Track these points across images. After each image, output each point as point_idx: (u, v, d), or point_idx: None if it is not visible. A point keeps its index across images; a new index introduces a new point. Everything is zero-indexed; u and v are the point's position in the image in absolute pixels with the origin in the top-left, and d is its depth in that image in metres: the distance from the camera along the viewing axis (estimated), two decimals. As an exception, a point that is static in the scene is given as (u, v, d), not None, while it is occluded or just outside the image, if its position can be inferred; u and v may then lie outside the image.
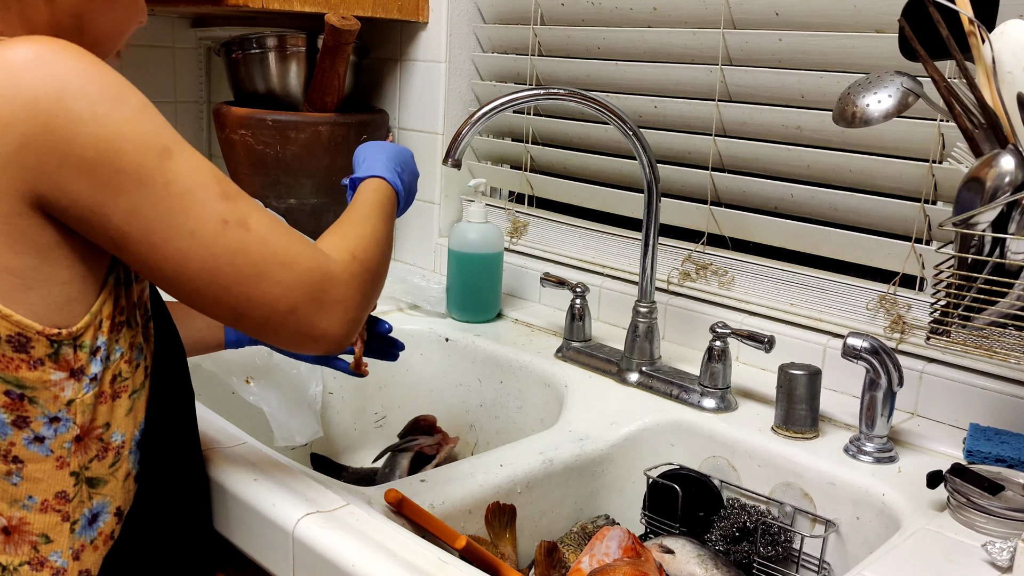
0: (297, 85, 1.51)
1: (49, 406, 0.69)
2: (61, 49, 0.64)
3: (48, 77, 0.63)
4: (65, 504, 0.72)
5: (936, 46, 0.86)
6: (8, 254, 0.65)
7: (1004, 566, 0.74)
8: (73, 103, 0.63)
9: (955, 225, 0.83)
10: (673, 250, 1.29)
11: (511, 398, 1.24)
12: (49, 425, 0.70)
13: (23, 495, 0.71)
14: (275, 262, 0.70)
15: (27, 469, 0.70)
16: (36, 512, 0.71)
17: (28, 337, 0.67)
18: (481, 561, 0.83)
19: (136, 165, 0.65)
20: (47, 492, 0.71)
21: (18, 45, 0.64)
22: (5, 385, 0.67)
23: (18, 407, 0.68)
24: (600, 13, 1.36)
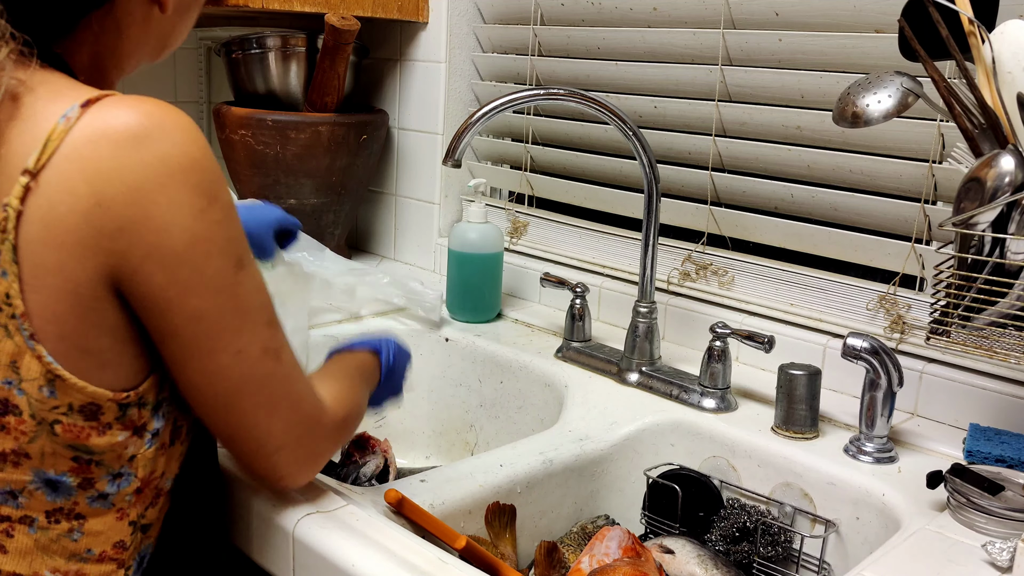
0: (297, 85, 1.51)
1: (113, 465, 0.68)
2: (167, 122, 0.62)
3: (154, 160, 0.61)
4: (122, 552, 0.72)
5: (936, 46, 0.86)
6: (88, 336, 0.63)
7: (1004, 566, 0.74)
8: (175, 193, 0.61)
9: (955, 225, 0.83)
10: (673, 250, 1.29)
11: (511, 398, 1.24)
12: (112, 482, 0.69)
13: (83, 549, 0.70)
14: (288, 400, 0.71)
15: (88, 524, 0.69)
16: (93, 563, 0.70)
17: (99, 405, 0.65)
18: (481, 561, 0.83)
19: (216, 271, 0.64)
20: (106, 544, 0.71)
21: (122, 110, 0.61)
22: (74, 452, 0.66)
23: (85, 470, 0.67)
24: (600, 13, 1.36)
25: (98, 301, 0.63)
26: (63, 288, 0.61)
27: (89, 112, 0.61)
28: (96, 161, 0.60)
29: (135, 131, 0.60)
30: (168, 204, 0.61)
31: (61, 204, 0.60)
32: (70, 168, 0.60)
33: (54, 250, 0.61)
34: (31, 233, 0.60)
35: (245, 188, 1.56)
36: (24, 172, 0.60)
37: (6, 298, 0.61)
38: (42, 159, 0.60)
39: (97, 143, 0.60)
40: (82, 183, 0.60)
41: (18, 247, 0.60)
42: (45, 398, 0.63)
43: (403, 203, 1.64)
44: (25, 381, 0.63)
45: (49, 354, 0.62)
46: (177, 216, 0.62)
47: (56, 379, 0.63)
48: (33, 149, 0.60)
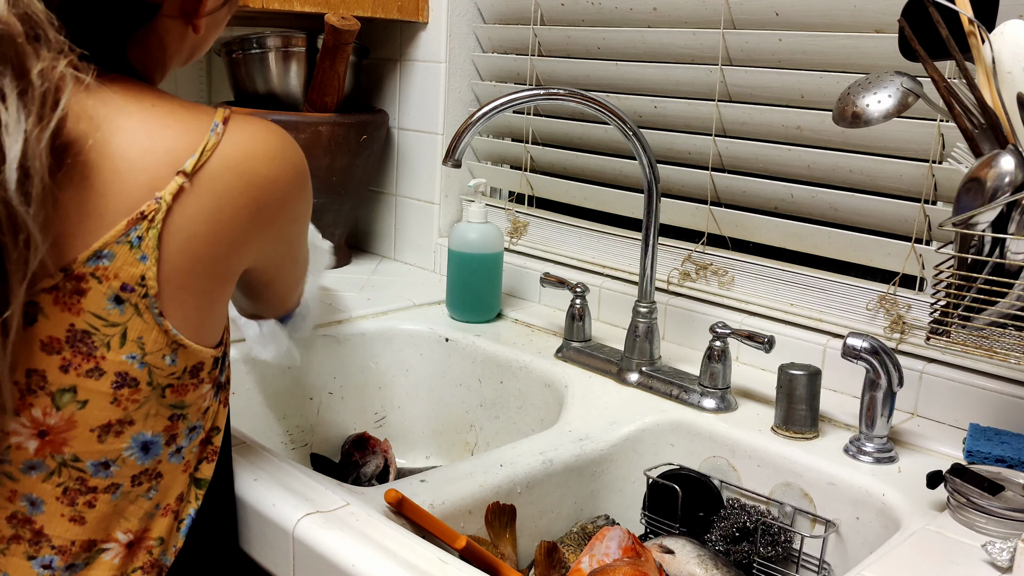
0: (297, 85, 1.51)
1: (192, 417, 0.74)
2: (284, 137, 0.75)
3: (291, 169, 0.74)
4: (180, 504, 0.76)
5: (936, 46, 0.86)
6: (214, 306, 0.73)
7: (1004, 566, 0.74)
8: (301, 193, 0.76)
9: (955, 225, 0.83)
10: (673, 250, 1.29)
11: (511, 398, 1.24)
12: (188, 435, 0.75)
13: (153, 505, 0.74)
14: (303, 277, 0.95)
15: (163, 481, 0.74)
16: (159, 518, 0.75)
17: (203, 362, 0.73)
18: (481, 561, 0.83)
19: (303, 232, 0.84)
20: (171, 497, 0.75)
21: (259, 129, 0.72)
22: (172, 410, 0.72)
23: (173, 427, 0.73)
24: (600, 13, 1.36)
25: (235, 278, 0.75)
26: (217, 273, 0.71)
27: (232, 129, 0.71)
28: (253, 175, 0.71)
29: (275, 148, 0.73)
30: (299, 201, 0.77)
31: (227, 207, 0.70)
32: (233, 179, 0.70)
33: (219, 245, 0.70)
34: (187, 227, 0.68)
35: (245, 188, 1.56)
36: (180, 172, 0.67)
37: (141, 280, 0.67)
38: (199, 163, 0.68)
39: (253, 159, 0.71)
40: (246, 191, 0.70)
41: (163, 236, 0.67)
42: (167, 366, 0.70)
43: (403, 203, 1.64)
44: (149, 354, 0.69)
45: (175, 327, 0.70)
46: (301, 208, 0.78)
47: (179, 348, 0.70)
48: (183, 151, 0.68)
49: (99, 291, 0.66)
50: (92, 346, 0.67)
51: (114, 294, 0.67)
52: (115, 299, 0.67)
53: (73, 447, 0.69)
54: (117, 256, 0.66)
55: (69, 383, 0.68)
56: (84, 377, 0.68)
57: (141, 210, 0.66)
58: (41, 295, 0.66)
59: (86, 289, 0.66)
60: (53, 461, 0.69)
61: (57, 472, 0.69)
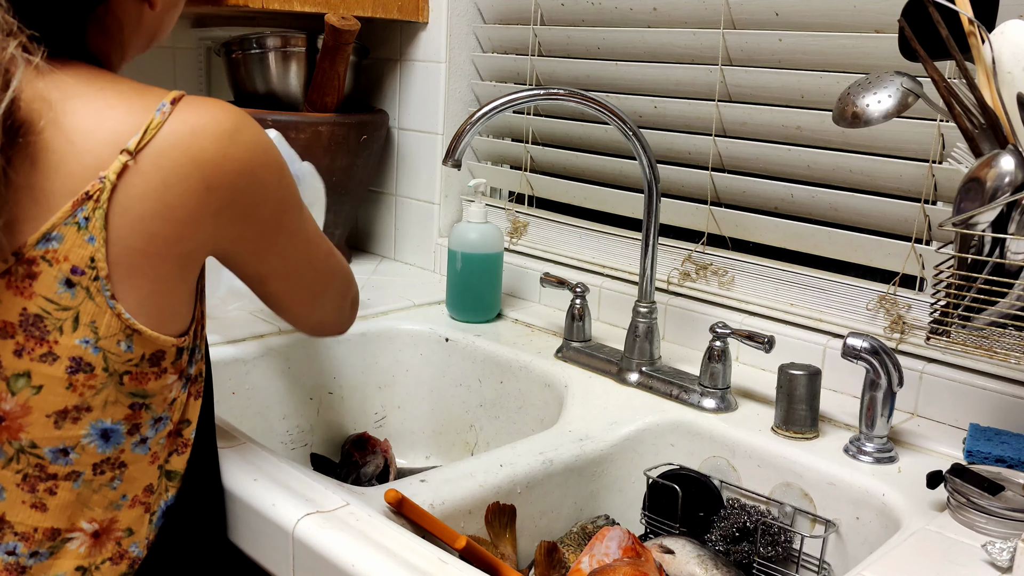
0: (297, 85, 1.51)
1: (158, 408, 0.75)
2: (242, 117, 0.73)
3: (246, 149, 0.72)
4: (149, 496, 0.77)
5: (936, 46, 0.86)
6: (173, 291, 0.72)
7: (1004, 566, 0.74)
8: (262, 173, 0.74)
9: (955, 225, 0.83)
10: (673, 250, 1.29)
11: (511, 398, 1.24)
12: (153, 426, 0.75)
13: (119, 496, 0.75)
14: (344, 278, 0.92)
15: (128, 471, 0.74)
16: (126, 509, 0.75)
17: (164, 351, 0.73)
18: (481, 561, 0.83)
19: (292, 220, 0.80)
20: (138, 488, 0.76)
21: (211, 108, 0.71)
22: (132, 399, 0.72)
23: (136, 416, 0.73)
24: (600, 13, 1.36)
25: (193, 263, 0.73)
26: (171, 253, 0.70)
27: (181, 108, 0.70)
28: (201, 152, 0.69)
29: (228, 126, 0.71)
30: (259, 182, 0.74)
31: (175, 186, 0.69)
32: (180, 156, 0.69)
33: (170, 222, 0.69)
34: (135, 206, 0.68)
35: (245, 188, 1.56)
36: (123, 151, 0.67)
37: (91, 262, 0.67)
38: (142, 142, 0.68)
39: (200, 136, 0.69)
40: (193, 169, 0.69)
41: (109, 216, 0.67)
42: (122, 352, 0.70)
43: (403, 203, 1.64)
44: (103, 339, 0.69)
45: (128, 312, 0.69)
46: (266, 190, 0.75)
47: (134, 333, 0.70)
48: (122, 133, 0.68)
49: (50, 274, 0.67)
50: (44, 330, 0.68)
51: (65, 277, 0.67)
52: (66, 282, 0.67)
53: (30, 433, 0.70)
54: (66, 238, 0.67)
55: (23, 368, 0.68)
56: (38, 362, 0.68)
57: (86, 190, 0.67)
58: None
59: (37, 272, 0.67)
60: (11, 447, 0.70)
61: (15, 458, 0.70)
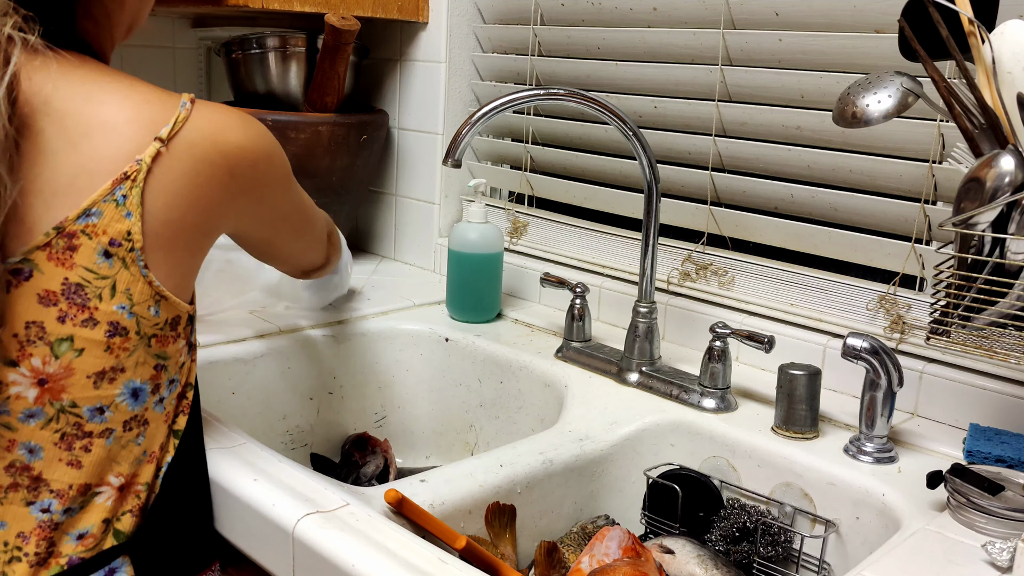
0: (297, 85, 1.51)
1: (172, 370, 0.81)
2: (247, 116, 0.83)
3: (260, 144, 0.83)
4: (162, 452, 0.82)
5: (936, 46, 0.86)
6: (194, 263, 0.81)
7: (1004, 566, 0.74)
8: (270, 162, 0.85)
9: (955, 225, 0.83)
10: (673, 250, 1.29)
11: (511, 398, 1.24)
12: (168, 386, 0.81)
13: (142, 451, 0.80)
14: (321, 220, 1.07)
15: (149, 428, 0.80)
16: (145, 464, 0.81)
17: (181, 316, 0.80)
18: (481, 561, 0.83)
19: (293, 193, 0.92)
20: (155, 445, 0.81)
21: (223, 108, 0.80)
22: (156, 360, 0.79)
23: (157, 377, 0.80)
24: (600, 13, 1.36)
25: (213, 239, 0.82)
26: (199, 230, 0.79)
27: (199, 107, 0.78)
28: (226, 143, 0.79)
29: (240, 121, 0.81)
30: (267, 166, 0.84)
31: (205, 171, 0.77)
32: (207, 146, 0.77)
33: (198, 202, 0.78)
34: (170, 187, 0.76)
35: (245, 188, 1.56)
36: (157, 139, 0.75)
37: (127, 235, 0.74)
38: (173, 131, 0.76)
39: (224, 132, 0.79)
40: (219, 157, 0.78)
41: (145, 194, 0.74)
42: (152, 316, 0.77)
43: (403, 203, 1.64)
44: (136, 304, 0.76)
45: (158, 280, 0.76)
46: (272, 172, 0.86)
47: (162, 299, 0.77)
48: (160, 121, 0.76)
49: (89, 247, 0.73)
50: (86, 297, 0.74)
51: (103, 249, 0.73)
52: (104, 253, 0.74)
53: (71, 393, 0.75)
54: (105, 214, 0.73)
55: (67, 333, 0.74)
56: (80, 327, 0.74)
57: (125, 171, 0.73)
58: (35, 252, 0.72)
59: (77, 245, 0.73)
60: (52, 408, 0.74)
61: (55, 419, 0.75)
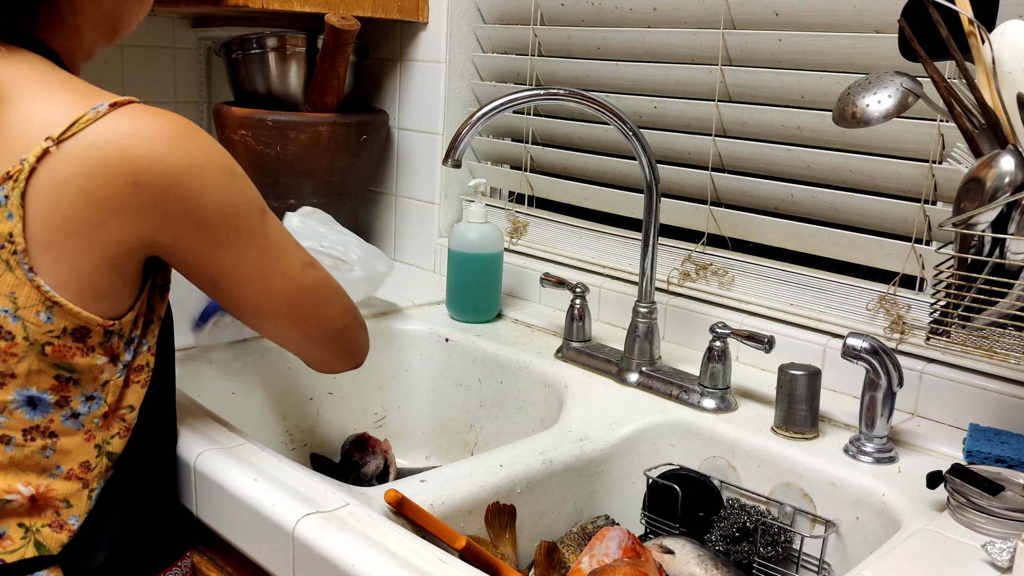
0: (297, 85, 1.52)
1: (88, 386, 0.79)
2: (191, 129, 0.77)
3: (182, 156, 0.75)
4: (87, 473, 0.80)
5: (936, 46, 0.86)
6: (100, 274, 0.75)
7: (1004, 566, 0.74)
8: (202, 177, 0.76)
9: (955, 225, 0.83)
10: (673, 250, 1.29)
11: (511, 398, 1.24)
12: (85, 403, 0.79)
13: (52, 465, 0.79)
14: (334, 293, 0.89)
15: (60, 442, 0.79)
16: (61, 480, 0.79)
17: (89, 329, 0.76)
18: (481, 561, 0.83)
19: (246, 223, 0.80)
20: (74, 462, 0.79)
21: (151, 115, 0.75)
22: (57, 370, 0.76)
23: (63, 388, 0.77)
24: (600, 13, 1.36)
25: (126, 252, 0.76)
26: (92, 236, 0.74)
27: (120, 112, 0.74)
28: (133, 151, 0.73)
29: (165, 134, 0.75)
30: (199, 184, 0.76)
31: (100, 176, 0.72)
32: (110, 150, 0.72)
33: (92, 208, 0.73)
34: (55, 188, 0.72)
35: (245, 188, 1.56)
36: (48, 138, 0.72)
37: (9, 237, 0.72)
38: (68, 132, 0.72)
39: (134, 138, 0.73)
40: (120, 164, 0.72)
41: (27, 195, 0.72)
42: (42, 322, 0.74)
43: (403, 203, 1.64)
44: (22, 309, 0.74)
45: (48, 284, 0.73)
46: (207, 192, 0.77)
47: (54, 306, 0.74)
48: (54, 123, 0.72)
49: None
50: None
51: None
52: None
53: None
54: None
55: None
56: None
57: (8, 170, 0.72)
58: None
59: None
60: None
61: None
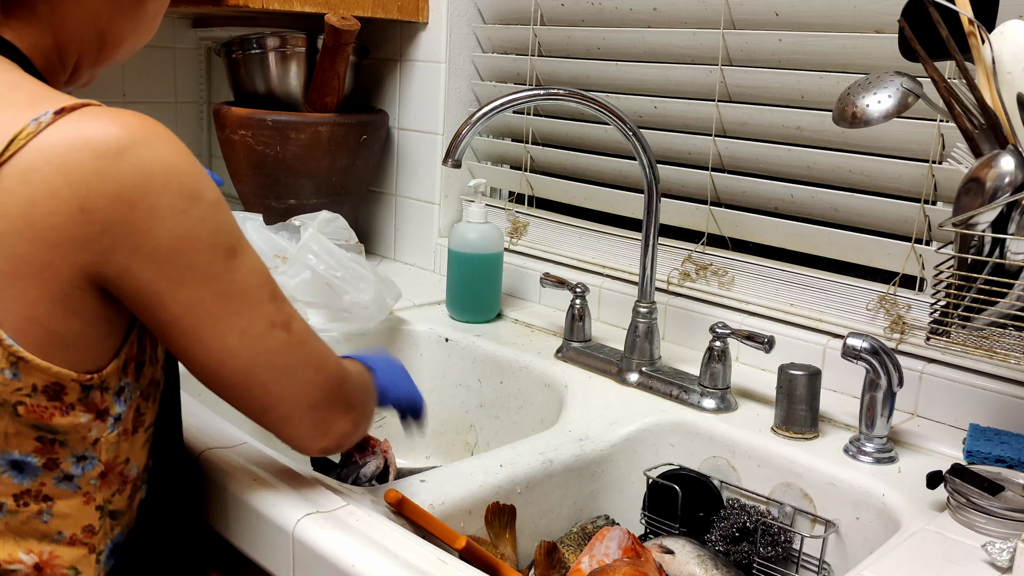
0: (297, 85, 1.52)
1: (77, 447, 0.70)
2: (146, 133, 0.65)
3: (134, 170, 0.63)
4: (91, 537, 0.74)
5: (936, 46, 0.86)
6: (57, 319, 0.65)
7: (1004, 566, 0.74)
8: (155, 199, 0.64)
9: (955, 225, 0.83)
10: (673, 250, 1.29)
11: (511, 398, 1.24)
12: (77, 464, 0.71)
13: (53, 531, 0.72)
14: (307, 363, 0.74)
15: (57, 506, 0.71)
16: (65, 546, 0.73)
17: (63, 385, 0.67)
18: (481, 561, 0.83)
19: (204, 263, 0.67)
20: (75, 527, 0.73)
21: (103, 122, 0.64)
22: (37, 432, 0.68)
23: (49, 451, 0.70)
24: (600, 13, 1.36)
25: (76, 290, 0.65)
26: (39, 277, 0.63)
27: (66, 120, 0.63)
28: (78, 169, 0.62)
29: (115, 143, 0.63)
30: (150, 210, 0.64)
31: (43, 204, 0.62)
32: (51, 172, 0.62)
33: (36, 244, 0.63)
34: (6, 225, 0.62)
35: (245, 188, 1.56)
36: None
37: None
38: (4, 156, 0.62)
39: (79, 152, 0.62)
40: (64, 187, 0.62)
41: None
42: (8, 380, 0.65)
43: (403, 203, 1.64)
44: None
45: (10, 337, 0.64)
46: (159, 219, 0.65)
47: (19, 361, 0.65)
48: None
49: None
50: None
51: None
52: None
53: None
54: None
55: None
56: None
57: None
58: None
59: None
60: None
61: None
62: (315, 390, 0.74)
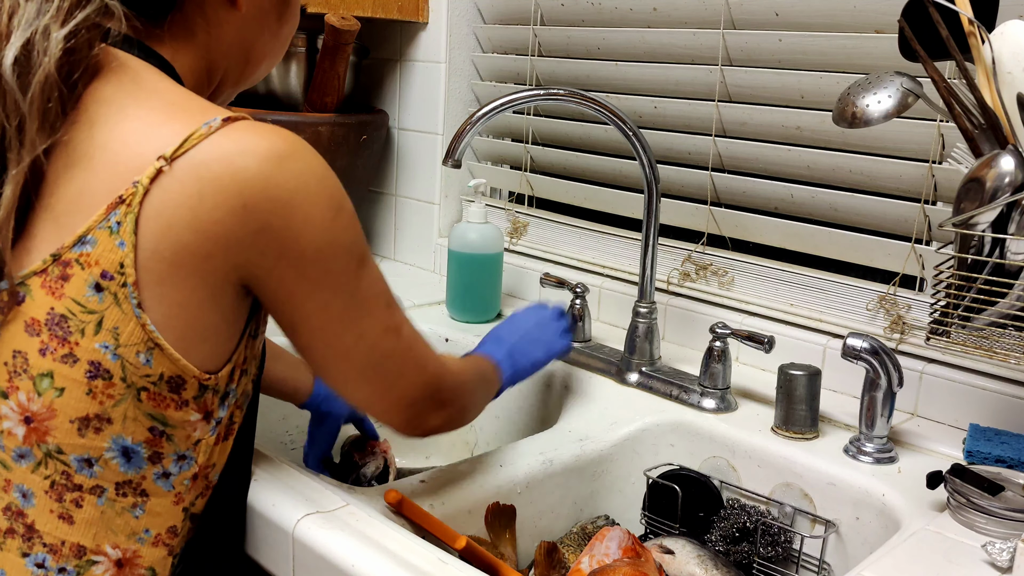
0: (297, 85, 1.52)
1: (181, 444, 0.73)
2: (301, 146, 0.70)
3: (293, 176, 0.68)
4: (173, 539, 0.75)
5: (936, 46, 0.86)
6: (203, 312, 0.70)
7: (1004, 566, 0.74)
8: (310, 207, 0.69)
9: (955, 225, 0.83)
10: (673, 250, 1.29)
11: (511, 398, 1.24)
12: (176, 462, 0.73)
13: (142, 528, 0.74)
14: (411, 367, 0.79)
15: (150, 503, 0.73)
16: (148, 546, 0.74)
17: (184, 380, 0.70)
18: (481, 561, 0.83)
19: (341, 269, 0.72)
20: (162, 527, 0.74)
21: (266, 132, 0.69)
22: (152, 421, 0.71)
23: (157, 443, 0.72)
24: (600, 13, 1.36)
25: (227, 285, 0.70)
26: (200, 268, 0.68)
27: (233, 126, 0.68)
28: (244, 169, 0.67)
29: (277, 150, 0.68)
30: (304, 215, 0.69)
31: (210, 198, 0.66)
32: (221, 170, 0.67)
33: (200, 235, 0.67)
34: (166, 212, 0.66)
35: (245, 188, 1.56)
36: (160, 157, 0.66)
37: (120, 267, 0.67)
38: (180, 150, 0.67)
39: (246, 154, 0.67)
40: (232, 184, 0.67)
41: (140, 221, 0.66)
42: (140, 364, 0.69)
43: (403, 203, 1.64)
44: (123, 347, 0.68)
45: (153, 324, 0.68)
46: (310, 225, 0.69)
47: (156, 348, 0.68)
48: (167, 142, 0.67)
49: (81, 278, 0.67)
50: (67, 331, 0.68)
51: (95, 281, 0.67)
52: (95, 286, 0.67)
53: (56, 437, 0.69)
54: (99, 242, 0.67)
55: (47, 368, 0.68)
56: (59, 363, 0.68)
57: (120, 194, 0.66)
58: (32, 278, 0.68)
59: (70, 275, 0.67)
60: (39, 451, 0.70)
61: (44, 463, 0.70)
62: (415, 391, 0.79)
